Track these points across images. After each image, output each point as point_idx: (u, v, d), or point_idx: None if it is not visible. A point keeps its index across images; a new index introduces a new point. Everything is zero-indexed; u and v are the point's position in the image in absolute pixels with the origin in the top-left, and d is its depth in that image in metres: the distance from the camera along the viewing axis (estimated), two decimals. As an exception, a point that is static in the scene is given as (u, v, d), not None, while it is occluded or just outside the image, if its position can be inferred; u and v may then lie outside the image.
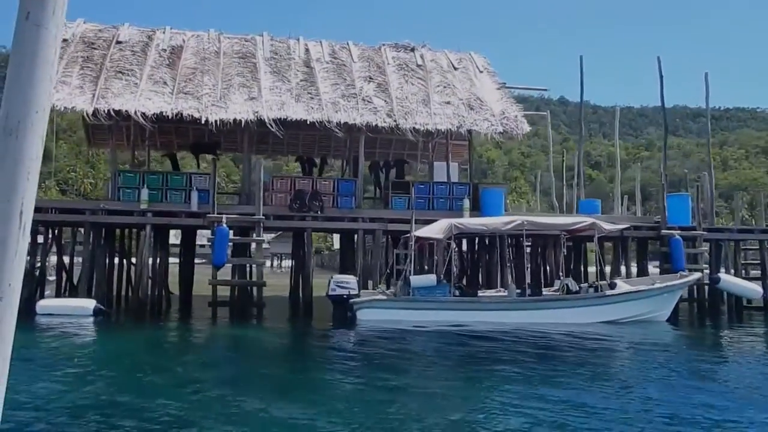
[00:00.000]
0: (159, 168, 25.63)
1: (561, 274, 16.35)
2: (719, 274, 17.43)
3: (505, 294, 14.90)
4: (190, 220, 16.40)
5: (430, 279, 14.67)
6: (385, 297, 14.51)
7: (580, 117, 22.62)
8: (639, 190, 28.23)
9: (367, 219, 17.05)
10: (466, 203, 18.41)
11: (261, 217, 15.76)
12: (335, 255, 40.59)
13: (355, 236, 19.32)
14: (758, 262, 19.11)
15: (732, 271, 19.49)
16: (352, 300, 14.20)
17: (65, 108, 16.60)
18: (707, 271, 17.36)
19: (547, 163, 31.36)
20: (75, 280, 17.86)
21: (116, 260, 19.37)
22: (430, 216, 17.79)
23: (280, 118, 17.63)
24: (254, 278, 16.41)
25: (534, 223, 15.53)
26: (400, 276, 15.02)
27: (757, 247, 19.10)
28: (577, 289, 15.53)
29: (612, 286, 15.02)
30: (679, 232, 17.33)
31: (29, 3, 0.93)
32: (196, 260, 21.88)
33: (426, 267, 16.57)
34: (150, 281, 16.11)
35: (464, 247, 21.35)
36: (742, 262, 19.22)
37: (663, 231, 17.44)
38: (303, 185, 18.32)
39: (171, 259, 20.72)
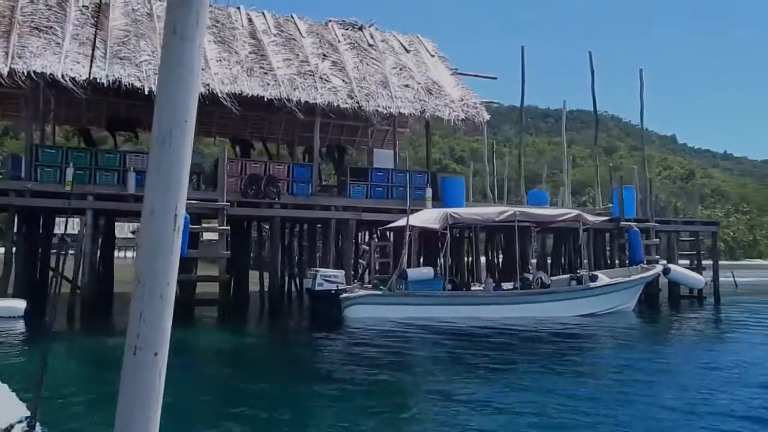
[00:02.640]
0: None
1: (530, 267, 16.03)
2: (669, 265, 18.09)
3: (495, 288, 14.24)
4: (138, 204, 14.02)
5: (428, 272, 13.69)
6: (379, 292, 13.27)
7: (520, 110, 22.55)
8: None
9: (340, 207, 15.64)
10: (428, 192, 17.57)
11: (225, 203, 13.86)
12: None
13: (310, 226, 17.80)
14: (692, 252, 20.14)
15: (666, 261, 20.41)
16: (343, 296, 12.81)
17: (-30, 66, 13.54)
18: (663, 262, 17.94)
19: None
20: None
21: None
22: (389, 205, 16.83)
23: (234, 93, 15.70)
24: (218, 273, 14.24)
25: (526, 213, 15.02)
26: (396, 270, 13.78)
27: (693, 238, 20.13)
28: (549, 282, 15.30)
29: (593, 278, 14.92)
30: (635, 224, 17.71)
31: (176, 18, 0.96)
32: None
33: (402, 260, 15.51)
34: (90, 277, 13.52)
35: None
36: (680, 252, 20.18)
37: (622, 223, 17.74)
38: (255, 169, 16.51)
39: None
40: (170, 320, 0.98)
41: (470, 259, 18.74)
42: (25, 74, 13.81)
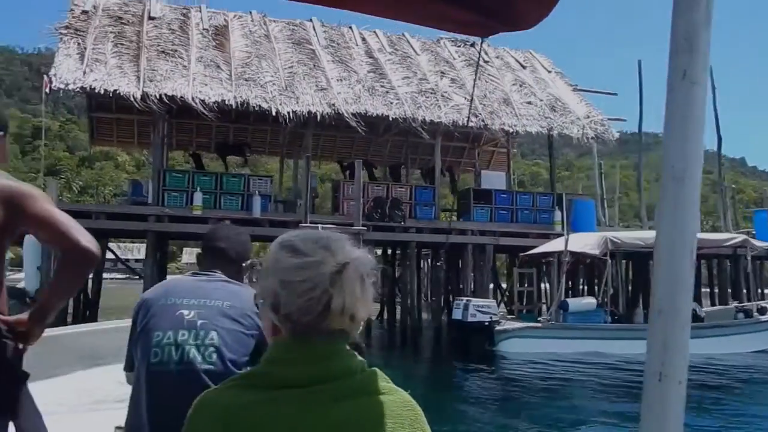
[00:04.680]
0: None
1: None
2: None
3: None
4: (270, 229, 13.44)
5: (590, 303, 12.49)
6: (537, 324, 12.13)
7: (639, 128, 21.13)
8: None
9: (477, 232, 14.65)
10: (557, 215, 16.35)
11: (362, 227, 13.08)
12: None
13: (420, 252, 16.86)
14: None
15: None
16: (497, 328, 11.73)
17: (106, 90, 13.36)
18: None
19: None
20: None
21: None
22: (514, 228, 15.74)
23: (358, 113, 15.06)
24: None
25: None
26: (554, 300, 12.62)
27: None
28: (703, 314, 13.75)
29: (762, 311, 13.31)
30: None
31: (685, 63, 1.00)
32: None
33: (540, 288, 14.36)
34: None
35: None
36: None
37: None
38: (377, 192, 15.75)
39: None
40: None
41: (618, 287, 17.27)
42: (157, 97, 13.55)
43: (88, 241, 1.84)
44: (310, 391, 0.96)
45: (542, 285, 15.74)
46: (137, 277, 19.79)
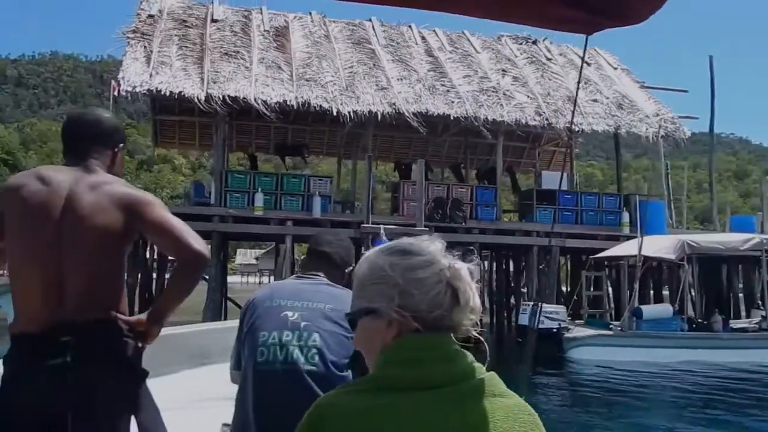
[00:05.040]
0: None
1: (759, 303, 13.66)
2: None
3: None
4: (332, 230, 13.36)
5: (665, 310, 11.90)
6: (609, 332, 11.61)
7: (711, 128, 20.14)
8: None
9: (542, 233, 14.21)
10: (625, 217, 15.73)
11: (424, 228, 12.83)
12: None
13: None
14: None
15: None
16: (567, 335, 11.27)
17: (171, 93, 13.53)
18: None
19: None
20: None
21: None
22: (578, 230, 15.17)
23: (419, 112, 14.82)
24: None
25: (773, 241, 12.79)
26: (627, 307, 12.07)
27: None
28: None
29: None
30: None
31: None
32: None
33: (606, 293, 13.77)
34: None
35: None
36: None
37: None
38: (437, 192, 15.46)
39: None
40: None
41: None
42: (221, 99, 13.64)
43: (200, 245, 1.91)
44: (442, 393, 0.96)
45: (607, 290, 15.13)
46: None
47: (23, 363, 1.82)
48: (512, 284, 16.86)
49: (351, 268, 2.38)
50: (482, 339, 1.07)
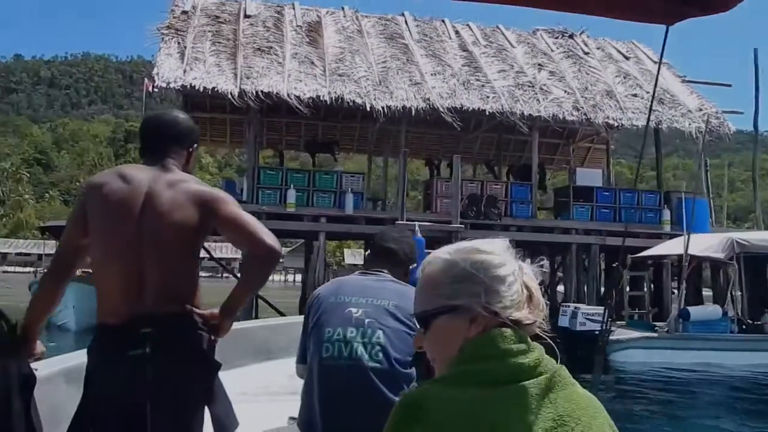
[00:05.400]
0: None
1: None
2: None
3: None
4: (365, 227, 13.19)
5: (714, 311, 11.46)
6: (654, 334, 11.20)
7: (755, 122, 19.45)
8: None
9: (582, 231, 13.82)
10: (666, 215, 15.26)
11: (459, 226, 12.56)
12: (348, 270, 35.81)
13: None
14: None
15: None
16: (609, 338, 10.88)
17: (205, 88, 13.46)
18: None
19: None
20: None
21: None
22: (615, 227, 14.73)
23: (454, 107, 14.54)
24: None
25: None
26: (674, 307, 11.62)
27: None
28: None
29: None
30: None
31: None
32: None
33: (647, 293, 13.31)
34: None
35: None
36: None
37: None
38: (471, 189, 15.15)
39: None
40: None
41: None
42: (254, 94, 13.53)
43: (273, 240, 1.95)
44: (531, 385, 0.97)
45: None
46: (229, 275, 19.97)
47: (105, 354, 1.90)
48: (548, 284, 16.47)
49: (414, 265, 2.39)
50: (553, 336, 1.10)
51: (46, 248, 27.22)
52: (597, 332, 10.97)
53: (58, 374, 2.61)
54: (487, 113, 14.75)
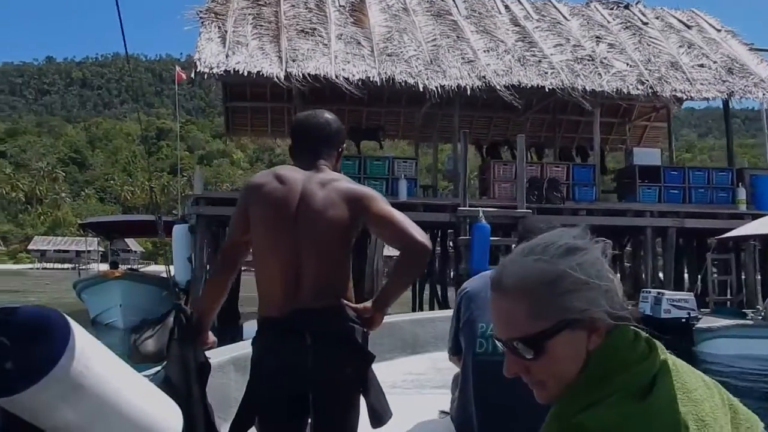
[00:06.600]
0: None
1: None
2: None
3: None
4: (424, 214, 12.42)
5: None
6: (748, 322, 10.25)
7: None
8: None
9: (656, 213, 12.86)
10: (741, 193, 14.17)
11: (526, 211, 11.72)
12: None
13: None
14: None
15: None
16: (697, 326, 9.99)
17: (249, 73, 12.81)
18: None
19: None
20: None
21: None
22: (690, 209, 13.71)
23: (512, 85, 13.66)
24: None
25: None
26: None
27: None
28: None
29: None
30: None
31: None
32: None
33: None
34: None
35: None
36: None
37: None
38: (531, 172, 14.27)
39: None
40: None
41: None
42: (300, 77, 12.85)
43: (423, 236, 1.95)
44: (669, 373, 0.91)
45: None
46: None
47: (268, 345, 1.97)
48: (617, 269, 15.52)
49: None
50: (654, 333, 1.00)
51: (84, 245, 26.99)
52: (684, 320, 10.09)
53: (228, 362, 2.77)
54: (547, 90, 13.84)
